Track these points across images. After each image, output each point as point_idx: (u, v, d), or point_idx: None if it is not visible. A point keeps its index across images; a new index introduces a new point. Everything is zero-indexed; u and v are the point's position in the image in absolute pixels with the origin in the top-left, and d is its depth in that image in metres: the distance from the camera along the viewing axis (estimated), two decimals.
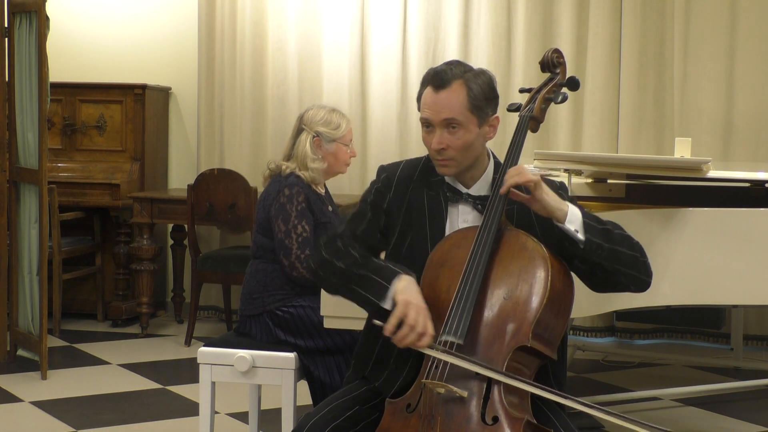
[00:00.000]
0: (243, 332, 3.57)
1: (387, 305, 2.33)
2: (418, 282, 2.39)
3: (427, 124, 2.45)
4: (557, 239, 2.34)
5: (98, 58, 6.56)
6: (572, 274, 2.39)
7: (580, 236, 2.31)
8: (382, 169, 2.59)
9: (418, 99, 2.49)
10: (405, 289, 2.32)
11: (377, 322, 2.32)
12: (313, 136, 3.61)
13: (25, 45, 5.02)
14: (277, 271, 3.54)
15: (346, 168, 3.74)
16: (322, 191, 3.67)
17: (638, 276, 2.40)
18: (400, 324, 2.28)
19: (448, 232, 2.48)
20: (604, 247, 2.33)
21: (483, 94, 2.42)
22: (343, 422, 2.37)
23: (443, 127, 2.41)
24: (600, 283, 2.43)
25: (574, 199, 2.52)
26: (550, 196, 2.32)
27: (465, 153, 2.42)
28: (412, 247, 2.48)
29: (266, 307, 3.51)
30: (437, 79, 2.42)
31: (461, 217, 2.49)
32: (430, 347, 2.27)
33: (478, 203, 2.46)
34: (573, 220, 2.32)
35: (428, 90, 2.44)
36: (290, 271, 3.47)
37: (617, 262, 2.35)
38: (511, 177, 2.32)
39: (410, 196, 2.52)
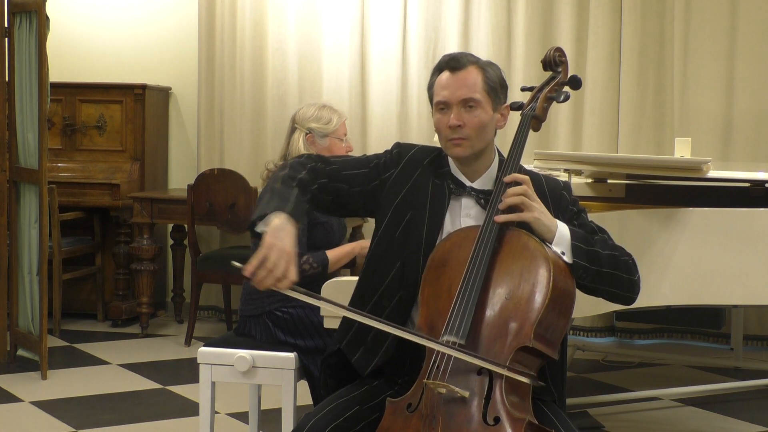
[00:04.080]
0: (243, 332, 3.57)
1: (258, 229, 2.29)
2: (411, 267, 2.40)
3: (442, 107, 2.45)
4: None
5: (98, 58, 6.56)
6: None
7: (566, 259, 2.34)
8: (396, 145, 2.60)
9: (431, 87, 2.50)
10: (275, 229, 2.23)
11: (236, 264, 2.25)
12: (306, 133, 3.64)
13: (25, 45, 5.02)
14: None
15: None
16: None
17: (621, 293, 2.44)
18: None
19: (448, 224, 2.49)
20: (588, 269, 2.36)
21: (497, 79, 2.47)
22: (344, 422, 2.37)
23: (461, 106, 2.43)
24: (587, 293, 2.47)
25: (577, 201, 2.53)
26: (544, 217, 2.35)
27: (479, 134, 2.44)
28: (407, 227, 2.49)
29: (266, 307, 3.51)
30: (453, 62, 2.46)
31: (464, 211, 2.49)
32: (292, 290, 2.19)
33: (482, 198, 2.47)
34: (560, 242, 2.35)
35: (444, 74, 2.47)
36: None
37: (600, 283, 2.40)
38: (510, 196, 2.34)
39: (416, 179, 2.52)
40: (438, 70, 2.49)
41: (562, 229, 2.36)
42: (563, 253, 2.34)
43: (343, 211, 2.59)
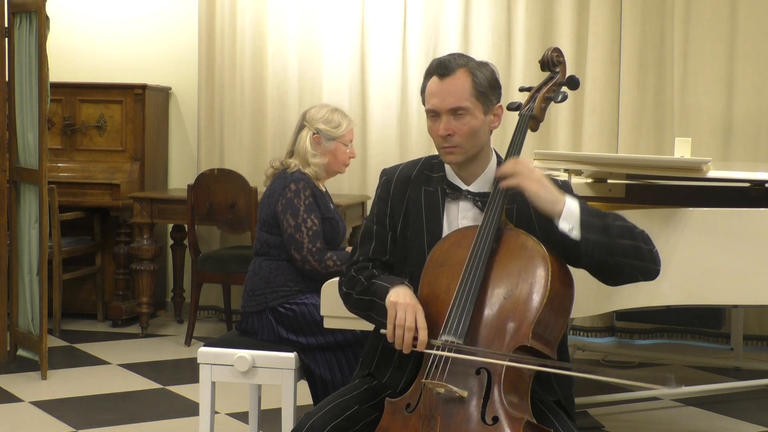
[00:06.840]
0: (245, 329, 3.58)
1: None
2: (417, 282, 2.40)
3: (433, 114, 2.45)
4: (559, 238, 2.32)
5: (98, 58, 6.56)
6: (573, 273, 2.38)
7: (575, 234, 2.28)
8: (383, 173, 2.63)
9: (423, 91, 2.49)
10: (393, 294, 2.35)
11: (383, 330, 2.36)
12: (313, 133, 3.66)
13: (25, 45, 5.02)
14: (281, 268, 3.56)
15: (345, 168, 3.78)
16: (323, 189, 3.70)
17: (644, 265, 2.36)
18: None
19: (446, 229, 2.49)
20: (602, 244, 2.30)
21: (487, 81, 2.44)
22: (343, 422, 2.37)
23: (450, 114, 2.42)
24: (609, 277, 2.40)
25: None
26: (545, 191, 2.31)
27: (471, 140, 2.43)
28: (411, 244, 2.50)
29: (269, 303, 3.53)
30: (442, 67, 2.44)
31: (461, 214, 2.49)
32: (429, 348, 2.27)
33: (478, 200, 2.47)
34: (568, 217, 2.29)
35: (433, 80, 2.45)
36: (302, 264, 3.50)
37: (619, 255, 2.32)
38: (506, 177, 2.33)
39: (409, 195, 2.54)
40: (428, 74, 2.48)
41: (571, 205, 2.30)
42: (572, 229, 2.28)
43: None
